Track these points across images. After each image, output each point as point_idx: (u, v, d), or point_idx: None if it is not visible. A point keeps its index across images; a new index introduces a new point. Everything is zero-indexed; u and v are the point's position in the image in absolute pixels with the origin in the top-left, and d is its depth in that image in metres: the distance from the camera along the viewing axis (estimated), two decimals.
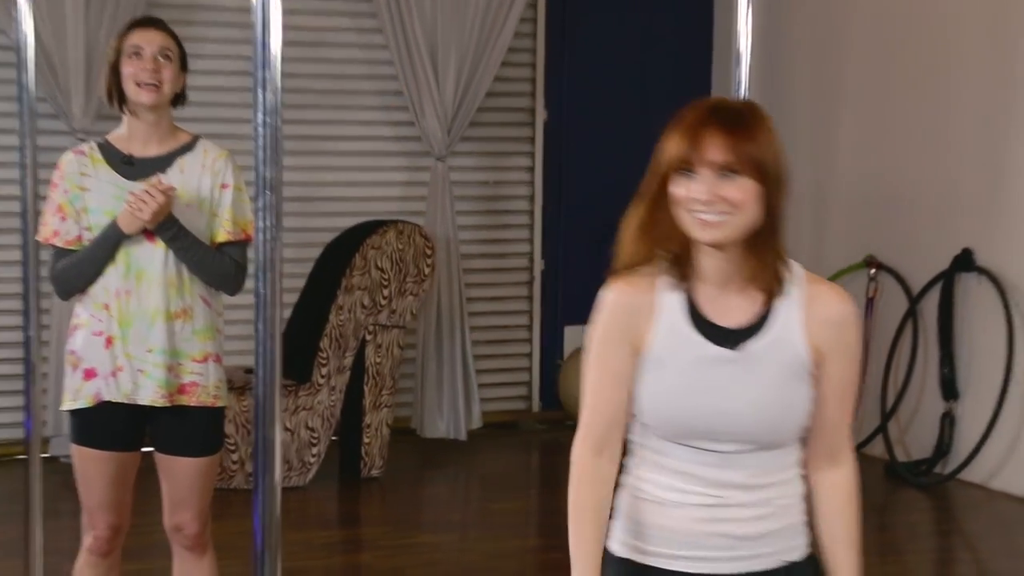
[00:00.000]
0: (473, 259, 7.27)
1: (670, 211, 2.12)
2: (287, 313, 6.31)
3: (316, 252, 6.52)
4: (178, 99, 3.70)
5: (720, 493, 2.22)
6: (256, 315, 2.35)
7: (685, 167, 2.08)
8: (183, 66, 3.70)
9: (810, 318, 2.19)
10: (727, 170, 2.05)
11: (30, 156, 4.09)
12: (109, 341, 3.56)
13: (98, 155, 3.64)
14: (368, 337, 6.22)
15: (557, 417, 7.42)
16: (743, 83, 4.71)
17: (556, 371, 7.42)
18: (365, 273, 6.17)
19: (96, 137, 3.77)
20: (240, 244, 3.61)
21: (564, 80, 7.43)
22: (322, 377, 6.11)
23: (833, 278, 6.85)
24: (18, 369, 5.14)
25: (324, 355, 6.11)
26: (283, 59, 2.24)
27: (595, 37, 7.43)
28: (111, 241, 3.54)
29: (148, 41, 3.61)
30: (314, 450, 6.09)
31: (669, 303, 2.17)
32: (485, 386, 7.28)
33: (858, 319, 2.28)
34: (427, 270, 6.37)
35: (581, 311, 7.19)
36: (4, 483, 5.53)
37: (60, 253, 3.62)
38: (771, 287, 2.16)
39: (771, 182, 2.10)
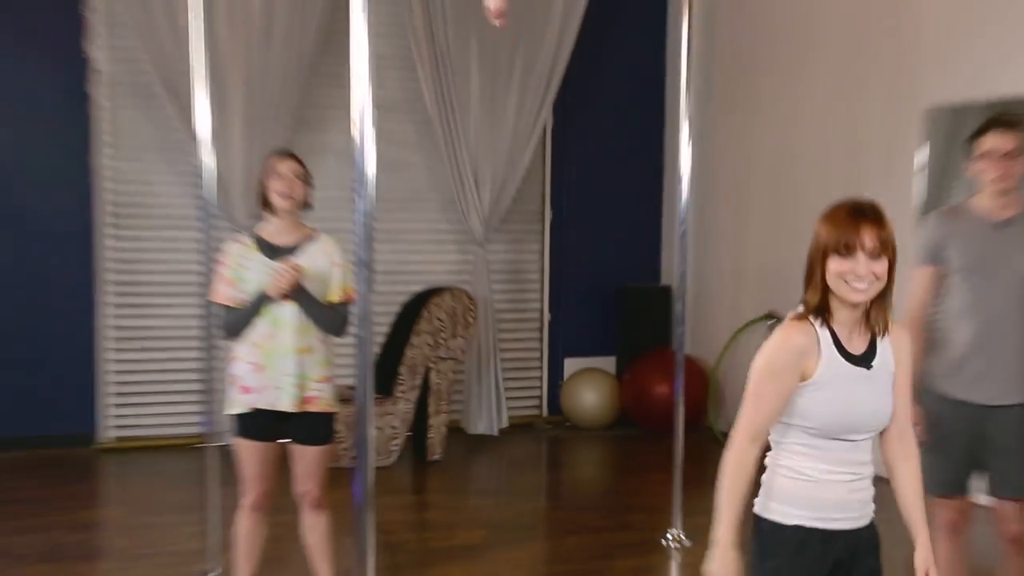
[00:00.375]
0: (502, 312, 7.29)
1: (824, 276, 2.27)
2: (377, 349, 6.41)
3: (396, 308, 6.53)
4: (305, 205, 3.80)
5: (856, 470, 2.37)
6: (356, 351, 2.51)
7: (845, 250, 2.22)
8: (308, 183, 3.81)
9: (892, 344, 2.37)
10: (876, 253, 2.21)
11: (205, 243, 4.22)
12: (258, 368, 3.65)
13: (252, 244, 3.73)
14: (431, 366, 6.24)
15: (559, 420, 7.42)
16: (683, 195, 4.81)
17: (558, 389, 7.43)
18: (429, 322, 6.22)
19: (250, 231, 3.88)
20: (345, 303, 3.70)
21: (563, 192, 7.47)
22: (400, 392, 6.14)
23: (745, 326, 6.91)
24: (198, 387, 5.27)
25: (402, 378, 6.14)
26: (375, 181, 2.40)
27: (584, 162, 7.46)
28: (261, 302, 3.63)
29: (286, 167, 3.71)
30: (395, 442, 6.14)
31: (825, 342, 2.29)
32: (510, 398, 7.27)
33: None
34: (471, 320, 6.42)
35: (575, 347, 7.37)
36: (190, 463, 5.54)
37: (228, 310, 3.71)
38: (885, 327, 2.35)
39: (894, 260, 2.25)
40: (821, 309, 2.30)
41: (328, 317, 3.68)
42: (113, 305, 6.50)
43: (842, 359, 2.31)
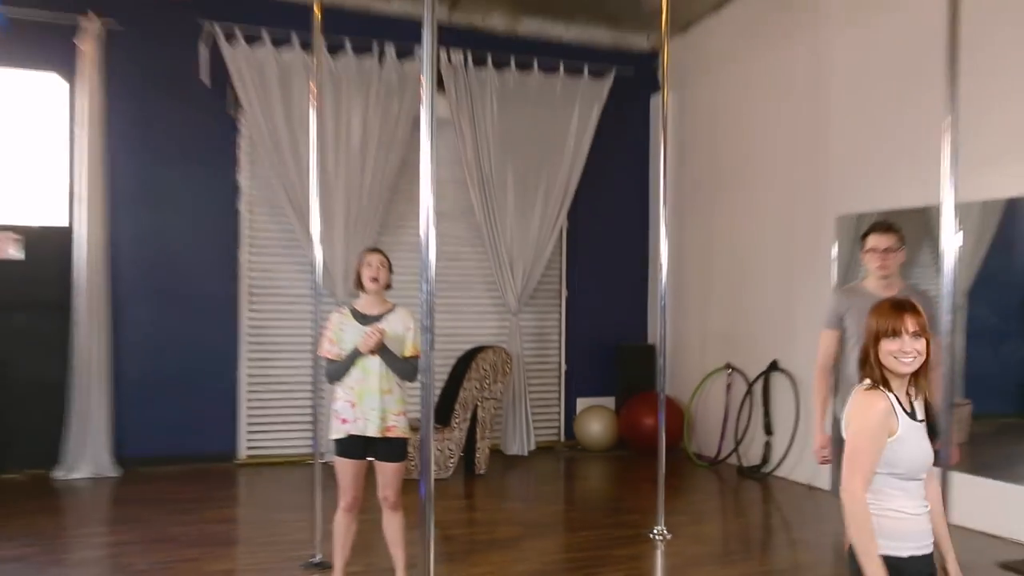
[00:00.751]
0: (529, 363, 7.23)
1: (878, 355, 2.26)
2: (438, 391, 6.39)
3: (451, 361, 6.49)
4: (387, 286, 3.80)
5: (926, 504, 2.29)
6: (422, 393, 2.50)
7: (893, 334, 2.23)
8: (390, 270, 3.82)
9: (923, 403, 2.32)
10: (916, 335, 2.23)
11: (315, 313, 4.24)
12: (353, 404, 3.63)
13: (349, 314, 3.74)
14: (478, 404, 6.20)
15: (573, 444, 7.31)
16: (663, 278, 4.80)
17: (572, 420, 7.33)
18: (477, 371, 6.21)
19: (348, 304, 3.89)
20: (415, 357, 3.69)
21: (575, 275, 7.44)
22: (456, 423, 6.08)
23: (710, 374, 6.86)
24: (309, 418, 5.25)
25: (457, 412, 6.10)
26: (436, 268, 2.41)
27: (590, 253, 7.46)
28: (354, 357, 3.62)
29: (374, 258, 3.72)
30: (451, 460, 6.07)
31: (896, 404, 2.24)
32: (537, 427, 7.19)
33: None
34: (508, 370, 6.38)
35: (584, 389, 7.30)
36: (302, 475, 5.54)
37: (330, 362, 3.71)
38: (927, 392, 2.33)
39: (930, 339, 2.25)
40: (884, 380, 2.26)
41: (403, 367, 3.68)
42: (248, 358, 6.50)
43: (907, 416, 2.26)
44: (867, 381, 2.30)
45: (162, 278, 6.25)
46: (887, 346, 2.24)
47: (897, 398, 2.26)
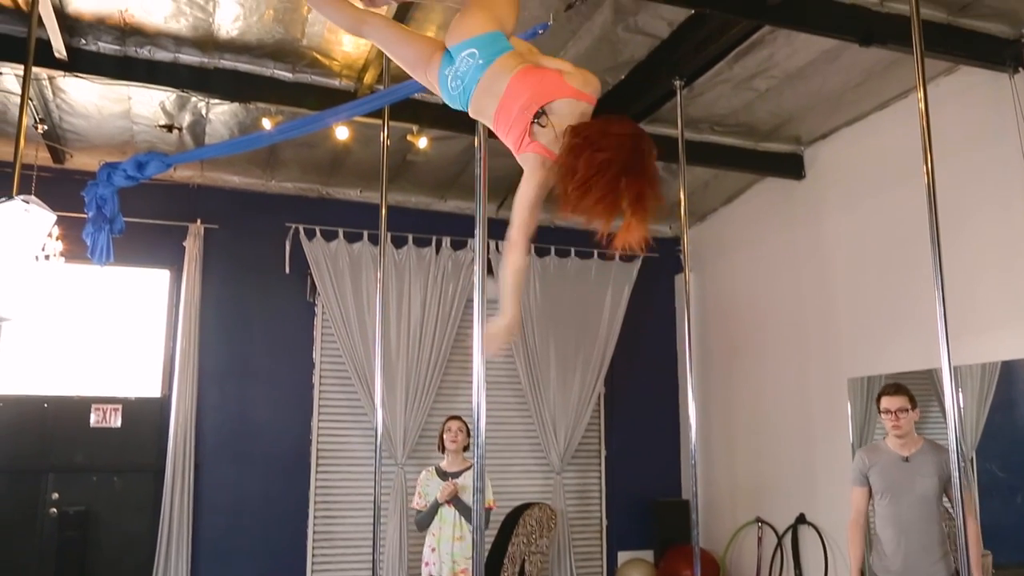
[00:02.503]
0: (572, 520, 7.09)
1: None
2: (488, 546, 6.28)
3: (502, 516, 6.41)
4: (465, 448, 3.88)
5: None
6: (473, 547, 2.54)
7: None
8: (468, 434, 3.91)
9: None
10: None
11: (377, 473, 4.28)
12: (433, 549, 3.71)
13: (433, 471, 3.84)
14: (526, 558, 6.08)
15: None
16: (692, 438, 4.79)
17: (615, 573, 7.11)
18: (524, 527, 6.13)
19: (431, 464, 3.95)
20: (489, 509, 3.75)
21: (613, 437, 7.40)
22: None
23: (741, 528, 6.68)
24: (369, 572, 5.17)
25: (506, 567, 5.99)
26: (485, 432, 2.50)
27: (626, 416, 7.45)
28: (435, 507, 3.72)
29: (455, 424, 3.85)
30: None
31: None
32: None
33: None
34: (553, 526, 6.30)
35: (624, 543, 7.13)
36: None
37: (418, 512, 3.78)
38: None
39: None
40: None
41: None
42: (315, 515, 6.49)
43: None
44: None
45: (242, 443, 6.37)
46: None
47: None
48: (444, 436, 3.88)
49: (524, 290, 7.07)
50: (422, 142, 5.58)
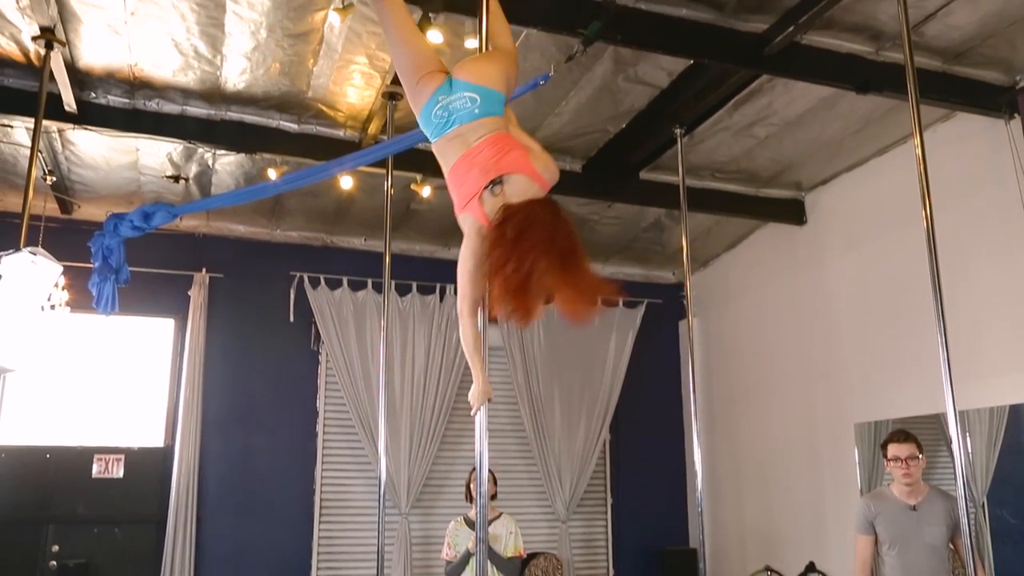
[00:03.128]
0: (579, 569, 6.98)
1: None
2: None
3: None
4: (493, 497, 3.89)
5: None
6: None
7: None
8: (495, 483, 3.89)
9: None
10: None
11: (380, 522, 4.23)
12: None
13: (462, 521, 3.83)
14: None
15: None
16: (698, 485, 4.74)
17: None
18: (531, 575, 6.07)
19: (463, 514, 3.91)
20: (517, 557, 3.72)
21: (619, 484, 7.31)
22: None
23: None
24: None
25: None
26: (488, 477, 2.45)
27: (632, 463, 7.38)
28: (466, 557, 3.69)
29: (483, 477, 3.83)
30: None
31: None
32: None
33: None
34: (558, 574, 6.23)
35: None
36: None
37: (448, 563, 3.74)
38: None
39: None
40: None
41: (506, 565, 3.86)
42: (318, 565, 6.40)
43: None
44: None
45: (244, 493, 6.33)
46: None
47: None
48: (471, 485, 3.88)
49: (528, 336, 7.07)
50: (426, 191, 5.63)
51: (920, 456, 3.56)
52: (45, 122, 4.11)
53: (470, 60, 2.41)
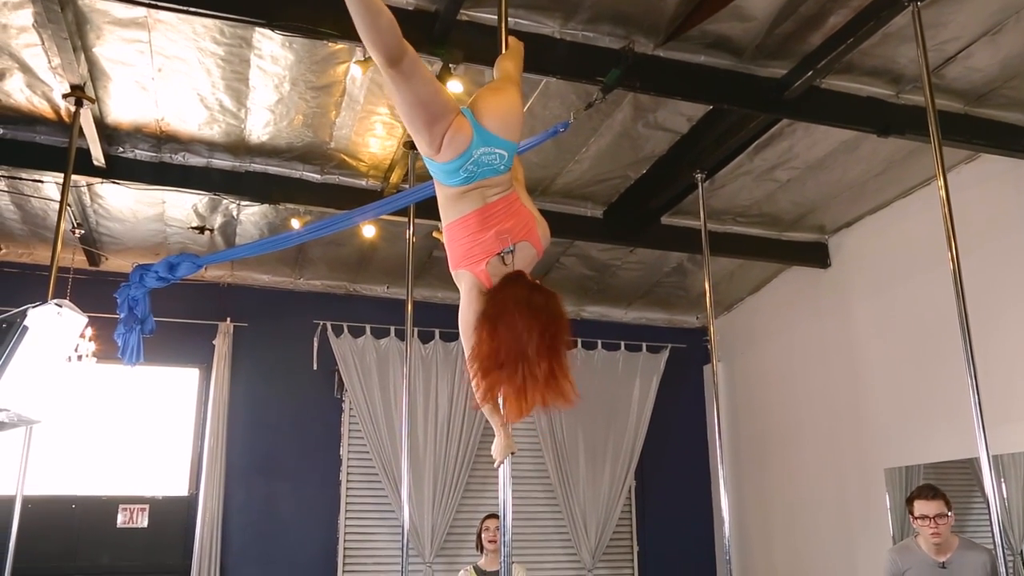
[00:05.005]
0: None
1: None
2: None
3: None
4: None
5: None
6: None
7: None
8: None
9: None
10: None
11: (404, 574, 4.18)
12: None
13: (471, 570, 3.80)
14: None
15: None
16: (726, 530, 4.64)
17: None
18: None
19: (465, 563, 3.87)
20: None
21: (645, 532, 7.18)
22: None
23: None
24: None
25: None
26: (514, 528, 2.42)
27: (659, 512, 7.25)
28: None
29: (495, 526, 3.75)
30: None
31: None
32: None
33: None
34: None
35: None
36: None
37: None
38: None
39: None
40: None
41: None
42: None
43: None
44: None
45: (268, 542, 6.27)
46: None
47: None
48: (482, 535, 3.80)
49: None
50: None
51: (949, 514, 3.44)
52: (74, 177, 4.19)
53: (496, 105, 2.17)
